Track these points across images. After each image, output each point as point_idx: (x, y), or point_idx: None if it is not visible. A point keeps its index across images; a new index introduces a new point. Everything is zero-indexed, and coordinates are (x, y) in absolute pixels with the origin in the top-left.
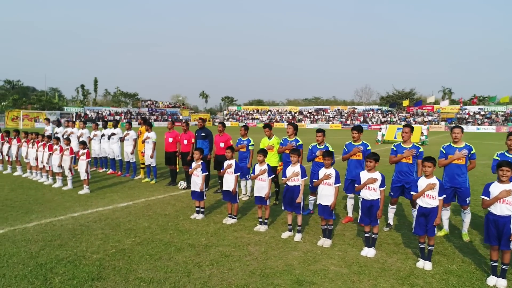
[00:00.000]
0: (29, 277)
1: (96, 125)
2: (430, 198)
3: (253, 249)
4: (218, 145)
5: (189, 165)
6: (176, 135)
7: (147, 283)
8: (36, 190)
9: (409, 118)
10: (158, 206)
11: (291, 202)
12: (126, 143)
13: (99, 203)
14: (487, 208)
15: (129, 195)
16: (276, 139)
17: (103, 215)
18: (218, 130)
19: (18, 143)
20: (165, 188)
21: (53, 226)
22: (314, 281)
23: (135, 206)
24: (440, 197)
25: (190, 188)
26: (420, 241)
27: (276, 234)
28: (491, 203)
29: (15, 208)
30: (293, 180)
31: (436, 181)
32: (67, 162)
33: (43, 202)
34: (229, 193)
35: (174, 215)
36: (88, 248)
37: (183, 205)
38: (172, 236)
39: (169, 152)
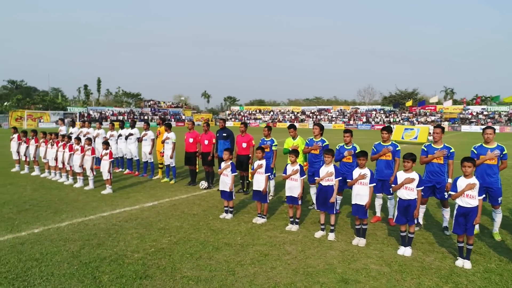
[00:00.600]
0: (77, 276)
1: (113, 125)
2: (470, 198)
3: (290, 248)
4: (240, 145)
5: (209, 165)
6: (197, 136)
7: (195, 282)
8: (59, 190)
9: (412, 118)
10: (184, 205)
11: (324, 202)
12: (144, 143)
13: (125, 203)
14: None
15: (153, 195)
16: (301, 140)
17: (132, 214)
18: (240, 131)
19: (36, 143)
20: (186, 188)
21: (86, 225)
22: (358, 279)
23: (161, 206)
24: (479, 197)
25: (211, 188)
26: (459, 240)
27: (308, 233)
28: None
29: (43, 208)
30: (327, 180)
31: (476, 181)
32: (88, 162)
33: (69, 202)
34: (259, 193)
35: (203, 215)
36: (127, 247)
37: (208, 205)
38: (207, 236)
39: (189, 153)
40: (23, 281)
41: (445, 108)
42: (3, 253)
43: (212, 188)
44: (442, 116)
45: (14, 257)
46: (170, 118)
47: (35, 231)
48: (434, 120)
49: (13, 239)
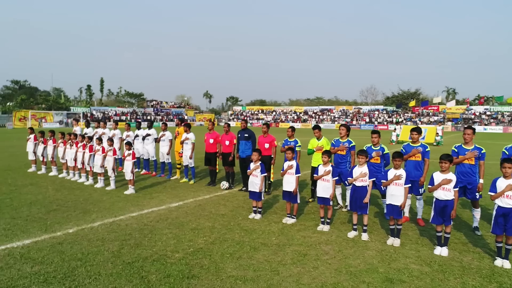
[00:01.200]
0: (124, 276)
1: (129, 126)
2: (510, 198)
3: (327, 248)
4: (262, 146)
5: (230, 165)
6: (217, 136)
7: (242, 281)
8: (81, 190)
9: (415, 118)
10: (210, 206)
11: (358, 202)
12: (162, 144)
13: (151, 203)
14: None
15: (176, 195)
16: (326, 140)
17: (161, 215)
18: (263, 131)
19: (54, 143)
20: (207, 188)
21: (119, 225)
22: (402, 279)
23: (187, 206)
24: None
25: (232, 188)
26: (498, 240)
27: (340, 233)
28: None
29: (70, 208)
30: (361, 180)
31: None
32: (110, 162)
33: (94, 202)
34: (289, 193)
35: (231, 215)
36: (166, 248)
37: (234, 205)
38: (241, 236)
39: (209, 153)
40: (72, 280)
41: (448, 108)
42: (44, 252)
43: (233, 189)
44: (444, 116)
45: (56, 257)
46: (173, 118)
47: (70, 231)
48: (437, 120)
49: (50, 239)
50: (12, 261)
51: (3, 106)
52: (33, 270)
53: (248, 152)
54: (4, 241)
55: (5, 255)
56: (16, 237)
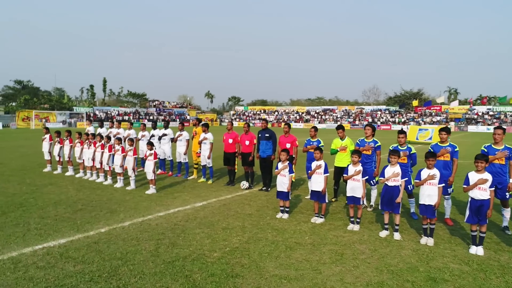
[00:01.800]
0: (169, 275)
1: (144, 126)
2: None
3: (361, 247)
4: (284, 146)
5: (250, 165)
6: (236, 136)
7: (287, 280)
8: (102, 190)
9: (417, 118)
10: (234, 205)
11: (390, 202)
12: (179, 144)
13: (175, 203)
14: None
15: (198, 195)
16: (349, 140)
17: (188, 214)
18: (284, 131)
19: (70, 143)
20: (227, 188)
21: (149, 225)
22: (444, 278)
23: (212, 206)
24: None
25: (251, 188)
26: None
27: (371, 232)
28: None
29: (96, 208)
30: (393, 180)
31: None
32: (130, 162)
33: (118, 202)
34: (318, 193)
35: (258, 215)
36: (202, 247)
37: (258, 205)
38: (274, 235)
39: (228, 153)
40: (118, 279)
41: (451, 108)
42: (83, 252)
43: (253, 188)
44: (447, 116)
45: (96, 256)
46: (175, 118)
47: (102, 231)
48: (440, 120)
49: (85, 238)
50: (53, 260)
51: (6, 106)
52: (76, 269)
53: (269, 152)
54: (39, 240)
55: (44, 254)
56: (50, 236)
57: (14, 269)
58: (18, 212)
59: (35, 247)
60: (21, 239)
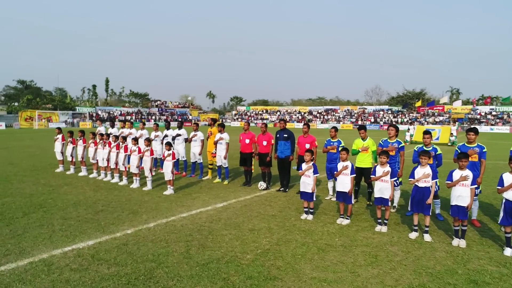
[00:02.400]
0: (206, 277)
1: (157, 126)
2: None
3: (394, 249)
4: (303, 146)
5: (267, 166)
6: (253, 136)
7: (327, 283)
8: (119, 191)
9: (420, 118)
10: (256, 206)
11: (420, 203)
12: (194, 144)
13: (196, 204)
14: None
15: (216, 196)
16: (371, 141)
17: (211, 215)
18: (303, 131)
19: (84, 144)
20: (244, 189)
21: (174, 226)
22: (486, 280)
23: (233, 207)
24: None
25: (269, 188)
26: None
27: (400, 234)
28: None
29: (117, 209)
30: (424, 181)
31: None
32: (147, 163)
33: (138, 202)
34: (344, 194)
35: (282, 216)
36: (233, 249)
37: (280, 206)
38: (303, 237)
39: (245, 153)
40: (155, 282)
41: (454, 108)
42: (114, 254)
43: (270, 189)
44: (450, 116)
45: (128, 258)
46: (177, 118)
47: (128, 232)
48: (442, 121)
49: (112, 240)
50: (86, 263)
51: (9, 106)
52: (111, 271)
53: (287, 152)
54: (67, 242)
55: (75, 256)
56: (77, 237)
57: (48, 271)
58: (39, 213)
59: (64, 248)
60: (48, 240)
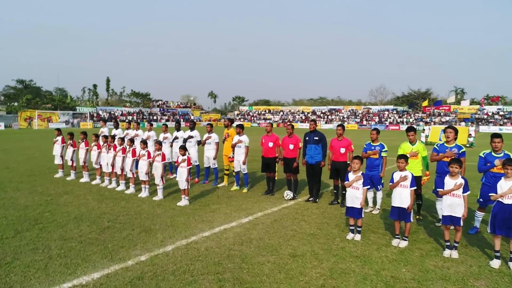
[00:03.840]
0: None
1: (166, 127)
2: None
3: (479, 284)
4: (337, 151)
5: (294, 172)
6: (277, 139)
7: None
8: (126, 201)
9: (426, 118)
10: (288, 222)
11: (505, 223)
12: (208, 147)
13: (217, 218)
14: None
15: (238, 207)
16: (421, 145)
17: (238, 234)
18: (338, 134)
19: (86, 146)
20: (267, 198)
21: (197, 250)
22: None
23: (261, 222)
24: None
25: (296, 198)
26: None
27: (477, 262)
28: None
29: (126, 225)
30: (509, 197)
31: None
32: (158, 169)
33: (150, 217)
34: (402, 210)
35: (324, 235)
36: (279, 285)
37: (316, 221)
38: (359, 266)
39: (268, 158)
40: None
41: (460, 108)
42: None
43: (297, 199)
44: (456, 116)
45: None
46: (179, 118)
47: (142, 259)
48: (449, 121)
49: (123, 271)
50: None
51: (8, 106)
52: None
53: (318, 157)
54: (66, 274)
55: None
56: (80, 267)
57: None
58: (34, 231)
59: (63, 285)
60: (43, 271)
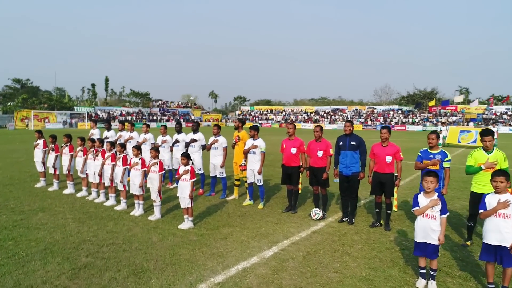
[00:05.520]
0: None
1: (165, 128)
2: None
3: None
4: (382, 159)
5: (323, 185)
6: (301, 144)
7: None
8: (115, 222)
9: (432, 118)
10: (326, 256)
11: None
12: (214, 153)
13: (231, 251)
14: None
15: (256, 232)
16: (501, 154)
17: (263, 278)
18: (383, 138)
19: (71, 152)
20: (292, 218)
21: None
22: None
23: (291, 257)
24: None
25: (325, 217)
26: None
27: None
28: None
29: (111, 262)
30: None
31: None
32: (156, 181)
33: (143, 247)
34: (501, 249)
35: (382, 280)
36: None
37: (362, 254)
38: None
39: (290, 167)
40: None
41: (467, 108)
42: None
43: (326, 218)
44: (463, 116)
45: None
46: (180, 118)
47: None
48: (456, 121)
49: None
50: None
51: (4, 106)
52: None
53: (355, 167)
54: None
55: None
56: None
57: None
58: None
59: None
60: None
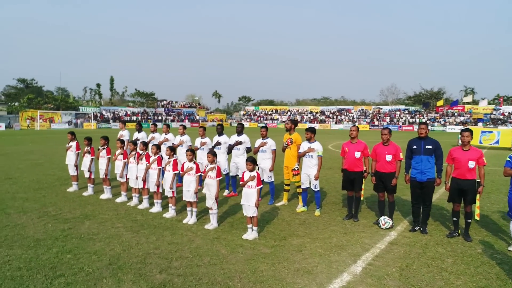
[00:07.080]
0: None
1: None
2: None
3: None
4: (463, 164)
5: (391, 192)
6: (365, 148)
7: None
8: (171, 232)
9: (439, 118)
10: (422, 272)
11: None
12: (263, 156)
13: (315, 266)
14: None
15: (330, 244)
16: None
17: None
18: (464, 142)
19: (108, 155)
20: (357, 227)
21: None
22: None
23: (387, 275)
24: None
25: (392, 225)
26: None
27: None
28: None
29: (189, 280)
30: None
31: None
32: (213, 187)
33: (215, 262)
34: None
35: None
36: None
37: (462, 270)
38: None
39: (353, 172)
40: None
41: (474, 108)
42: None
43: (395, 226)
44: (471, 116)
45: None
46: (184, 118)
47: None
48: (463, 121)
49: None
50: None
51: (9, 106)
52: None
53: (431, 173)
54: None
55: None
56: None
57: None
58: None
59: None
60: None
